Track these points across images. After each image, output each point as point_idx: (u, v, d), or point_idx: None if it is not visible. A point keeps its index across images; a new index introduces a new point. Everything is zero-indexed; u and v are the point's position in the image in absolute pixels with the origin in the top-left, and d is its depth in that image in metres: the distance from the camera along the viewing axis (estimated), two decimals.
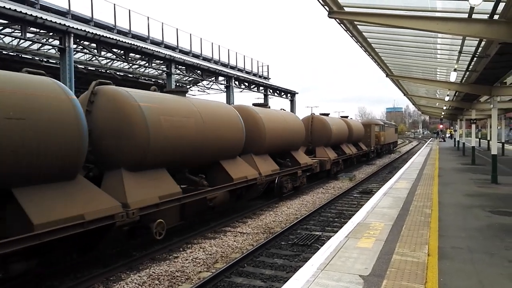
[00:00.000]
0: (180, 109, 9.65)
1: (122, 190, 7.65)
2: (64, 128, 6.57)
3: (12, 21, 14.86)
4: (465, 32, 8.75)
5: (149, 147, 8.28)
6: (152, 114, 8.49)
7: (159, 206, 8.25)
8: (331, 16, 9.50)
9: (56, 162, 6.43)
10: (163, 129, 8.70)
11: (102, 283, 6.97)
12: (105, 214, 6.89)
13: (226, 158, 11.63)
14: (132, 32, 24.08)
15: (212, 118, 10.77)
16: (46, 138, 6.26)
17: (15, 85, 6.11)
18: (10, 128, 5.75)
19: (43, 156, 6.23)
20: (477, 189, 12.53)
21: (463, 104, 24.34)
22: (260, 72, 39.36)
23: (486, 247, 6.35)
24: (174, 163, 9.36)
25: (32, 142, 6.06)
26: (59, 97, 6.67)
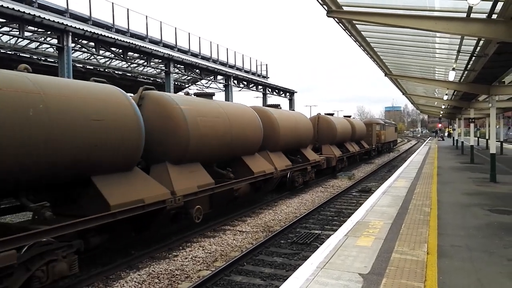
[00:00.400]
0: (211, 111, 11.01)
1: (168, 180, 8.91)
2: (128, 128, 7.83)
3: (10, 19, 14.81)
4: (464, 31, 8.78)
5: (189, 144, 9.59)
6: (190, 115, 9.77)
7: (197, 194, 9.49)
8: (329, 15, 9.51)
9: (123, 155, 7.72)
10: (199, 128, 10.00)
11: (101, 282, 6.97)
12: (159, 199, 8.15)
13: (247, 154, 12.89)
14: (131, 31, 24.05)
15: (236, 118, 12.08)
16: (116, 136, 7.54)
17: (94, 93, 7.44)
18: (93, 128, 7.05)
19: (115, 151, 7.51)
20: (476, 188, 12.58)
21: (462, 103, 24.40)
22: (259, 71, 39.36)
23: (485, 246, 6.38)
24: (206, 157, 10.65)
25: (106, 139, 7.31)
26: (124, 103, 7.94)
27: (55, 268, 6.03)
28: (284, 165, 14.85)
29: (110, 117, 7.47)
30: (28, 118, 5.94)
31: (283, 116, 16.01)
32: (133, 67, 29.15)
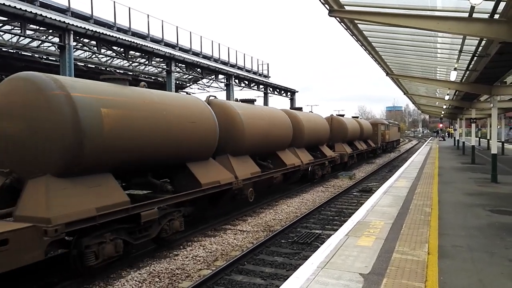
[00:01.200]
0: (257, 114, 13.56)
1: (231, 167, 11.46)
2: (209, 128, 10.40)
3: (12, 18, 14.82)
4: (466, 31, 8.76)
5: (244, 140, 12.22)
6: (245, 118, 12.39)
7: (251, 179, 12.12)
8: (331, 15, 9.50)
9: (205, 148, 10.47)
10: (250, 128, 12.47)
11: (102, 280, 6.98)
12: (228, 181, 10.77)
13: (280, 149, 15.49)
14: (132, 30, 24.06)
15: (273, 120, 14.58)
16: (202, 134, 10.05)
17: (189, 102, 10.12)
18: (190, 128, 9.51)
19: (202, 145, 10.16)
20: (477, 188, 12.55)
21: (463, 103, 24.36)
22: (260, 70, 39.36)
23: (486, 246, 6.36)
24: (254, 151, 13.26)
25: (197, 136, 9.79)
26: (206, 109, 10.61)
27: (174, 225, 8.60)
28: (307, 159, 17.35)
29: (199, 120, 9.98)
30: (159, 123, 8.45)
31: (306, 117, 18.61)
32: (135, 66, 29.15)
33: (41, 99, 6.59)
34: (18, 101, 6.71)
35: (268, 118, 14.08)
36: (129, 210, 7.34)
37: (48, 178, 6.50)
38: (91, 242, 6.62)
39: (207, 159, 10.78)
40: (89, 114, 6.89)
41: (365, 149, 29.42)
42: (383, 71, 19.60)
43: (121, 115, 7.53)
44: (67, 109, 6.61)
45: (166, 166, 9.46)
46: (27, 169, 6.64)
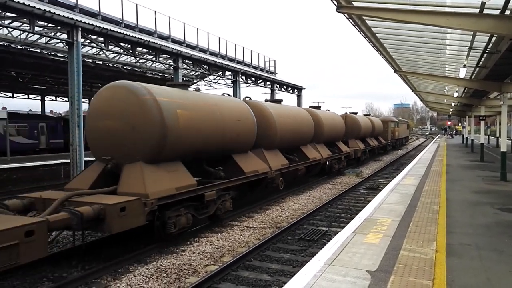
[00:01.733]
0: (286, 113, 15.50)
1: (265, 159, 13.26)
2: (250, 125, 12.33)
3: (20, 14, 14.92)
4: (476, 27, 8.65)
5: (276, 136, 14.14)
6: (277, 117, 14.30)
7: (281, 170, 13.91)
8: (339, 11, 9.45)
9: (246, 142, 12.34)
10: (280, 125, 14.37)
11: (110, 275, 7.04)
12: (264, 171, 12.66)
13: (303, 144, 17.26)
14: (139, 26, 24.07)
15: (299, 118, 16.71)
16: (245, 130, 11.98)
17: (234, 103, 12.24)
18: (237, 125, 11.46)
19: (244, 139, 12.13)
20: (485, 186, 12.45)
21: (472, 100, 24.14)
22: (267, 67, 39.20)
23: (494, 245, 6.31)
24: (283, 146, 15.12)
25: (241, 131, 11.74)
26: (247, 109, 12.55)
27: (225, 205, 10.38)
28: (326, 154, 19.00)
29: (243, 119, 11.94)
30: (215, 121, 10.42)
31: (326, 116, 20.41)
32: (142, 63, 29.24)
33: (136, 102, 8.46)
34: (118, 104, 8.57)
35: (294, 117, 16.04)
36: (197, 191, 9.30)
37: (141, 164, 8.36)
38: (171, 214, 8.43)
39: (247, 152, 12.68)
40: (170, 113, 8.78)
41: (376, 145, 31.24)
42: (391, 68, 19.46)
43: (189, 115, 9.52)
44: (155, 110, 8.49)
45: (217, 157, 11.44)
46: (125, 156, 8.45)
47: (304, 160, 16.40)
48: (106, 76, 28.55)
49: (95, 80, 29.08)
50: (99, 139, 8.83)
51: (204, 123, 9.96)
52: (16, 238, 5.41)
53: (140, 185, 7.94)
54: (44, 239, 5.95)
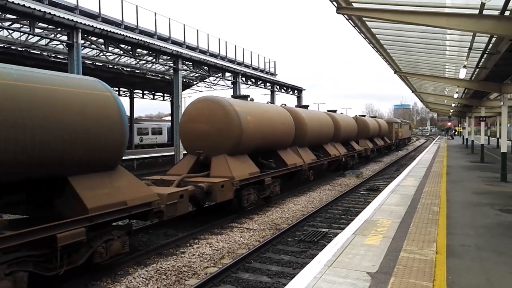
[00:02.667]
0: (313, 117, 18.62)
1: (299, 155, 16.16)
2: (290, 127, 15.46)
3: (21, 16, 14.93)
4: (476, 28, 8.64)
5: (306, 136, 17.06)
6: (308, 119, 17.32)
7: (311, 164, 16.67)
8: (339, 12, 9.44)
9: (286, 141, 15.34)
10: (310, 127, 17.38)
11: (109, 277, 7.02)
12: (300, 164, 15.54)
13: (325, 143, 20.15)
14: (140, 27, 24.10)
15: (322, 121, 19.61)
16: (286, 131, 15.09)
17: (279, 109, 15.59)
18: (281, 128, 14.51)
19: (286, 138, 15.24)
20: (486, 187, 12.42)
21: (472, 101, 24.12)
22: (267, 68, 39.22)
23: (495, 246, 6.30)
24: (311, 144, 18.03)
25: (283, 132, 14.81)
26: (288, 114, 15.69)
27: (276, 189, 13.26)
28: (343, 151, 21.96)
29: (285, 122, 15.08)
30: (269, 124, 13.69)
31: (342, 118, 23.50)
32: (142, 64, 29.25)
33: (222, 111, 11.74)
34: (208, 112, 11.86)
35: (318, 119, 19.24)
36: (260, 176, 12.28)
37: (225, 156, 11.53)
38: (245, 193, 11.40)
39: (286, 149, 15.59)
40: (244, 119, 12.01)
41: (383, 144, 34.34)
42: (391, 69, 19.45)
43: (254, 120, 12.67)
44: (235, 117, 11.73)
45: (267, 151, 14.34)
46: (212, 150, 11.66)
47: (327, 157, 19.43)
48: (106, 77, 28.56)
49: None
50: (193, 138, 12.00)
51: (262, 126, 13.22)
52: (176, 198, 8.41)
53: (228, 170, 11.04)
54: (186, 201, 9.01)
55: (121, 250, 7.15)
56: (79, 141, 6.59)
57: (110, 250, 6.89)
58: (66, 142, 6.34)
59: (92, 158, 6.89)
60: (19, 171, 5.88)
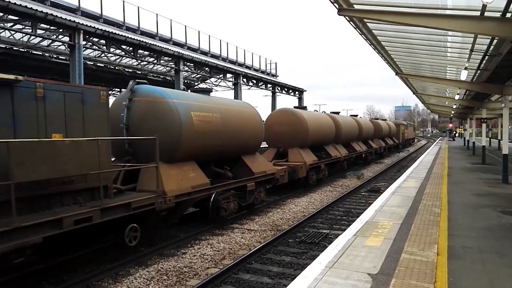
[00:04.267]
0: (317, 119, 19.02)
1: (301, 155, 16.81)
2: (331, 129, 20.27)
3: (23, 17, 14.99)
4: (477, 30, 8.64)
5: (307, 138, 17.38)
6: (310, 121, 17.62)
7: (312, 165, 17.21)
8: (340, 14, 9.44)
9: (330, 138, 20.53)
10: (313, 129, 17.71)
11: (111, 278, 7.03)
12: (339, 156, 20.48)
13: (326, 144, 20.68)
14: (141, 29, 24.18)
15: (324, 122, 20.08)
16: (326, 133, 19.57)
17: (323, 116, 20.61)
18: (324, 131, 19.22)
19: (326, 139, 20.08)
20: (487, 189, 12.41)
21: (474, 103, 24.09)
22: (268, 69, 39.30)
23: (496, 247, 6.29)
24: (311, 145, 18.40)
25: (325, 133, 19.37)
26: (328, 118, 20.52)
27: (261, 195, 12.56)
28: (365, 148, 27.11)
29: (331, 125, 20.03)
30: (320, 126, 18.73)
31: (363, 121, 28.94)
32: (143, 65, 29.30)
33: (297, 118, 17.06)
34: (286, 118, 17.05)
35: (350, 123, 23.84)
36: (318, 163, 17.56)
37: (297, 149, 16.69)
38: (312, 173, 16.87)
39: (329, 145, 20.26)
40: (309, 124, 17.48)
41: (393, 144, 39.53)
42: (392, 71, 19.45)
43: (313, 123, 18.21)
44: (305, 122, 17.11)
45: (318, 146, 19.16)
46: (288, 145, 16.72)
47: (354, 152, 24.38)
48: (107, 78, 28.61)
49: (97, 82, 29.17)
50: (275, 136, 16.96)
51: (318, 128, 18.25)
52: (283, 172, 13.82)
53: (301, 158, 16.30)
54: (286, 174, 14.17)
55: (265, 198, 12.93)
56: (250, 138, 12.39)
57: (260, 196, 12.43)
58: (245, 138, 12.06)
59: (252, 146, 12.73)
60: (231, 153, 11.70)
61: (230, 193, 10.75)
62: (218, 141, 10.60)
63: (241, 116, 12.10)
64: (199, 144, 9.83)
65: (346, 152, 22.16)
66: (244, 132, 11.90)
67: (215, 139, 10.46)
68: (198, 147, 9.89)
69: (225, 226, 10.65)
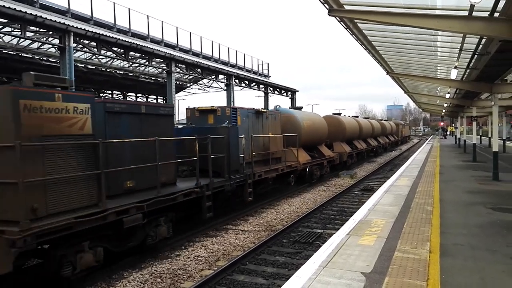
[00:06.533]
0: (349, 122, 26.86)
1: (343, 148, 24.18)
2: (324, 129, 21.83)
3: (11, 20, 14.83)
4: (466, 29, 8.73)
5: (345, 134, 25.27)
6: (347, 123, 25.40)
7: (349, 153, 24.94)
8: (331, 14, 9.48)
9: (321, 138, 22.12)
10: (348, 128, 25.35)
11: (104, 281, 6.99)
12: (331, 156, 21.19)
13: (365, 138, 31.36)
14: (132, 30, 24.06)
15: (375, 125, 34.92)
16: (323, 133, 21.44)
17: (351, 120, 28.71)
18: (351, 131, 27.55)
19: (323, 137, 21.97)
20: (478, 186, 12.54)
21: (464, 101, 24.34)
22: (260, 70, 39.32)
23: (488, 244, 6.36)
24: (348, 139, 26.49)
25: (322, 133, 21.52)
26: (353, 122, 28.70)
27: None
28: (376, 143, 35.18)
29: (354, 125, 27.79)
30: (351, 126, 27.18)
31: (373, 122, 36.56)
32: (135, 67, 29.16)
33: (338, 121, 25.06)
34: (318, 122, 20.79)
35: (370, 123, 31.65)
36: (352, 152, 25.55)
37: (340, 142, 24.49)
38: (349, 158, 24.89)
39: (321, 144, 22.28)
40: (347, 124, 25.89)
41: (393, 140, 47.30)
42: (383, 70, 19.58)
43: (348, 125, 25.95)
44: (344, 123, 25.15)
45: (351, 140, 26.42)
46: (334, 139, 23.75)
47: (370, 146, 32.16)
48: (98, 81, 28.43)
49: (88, 85, 28.99)
50: (309, 135, 18.78)
51: (351, 128, 25.24)
52: (336, 157, 21.90)
53: (343, 148, 23.98)
54: (338, 158, 22.21)
55: (328, 171, 20.50)
56: (322, 135, 20.73)
57: (327, 170, 20.18)
58: (319, 135, 20.38)
59: (322, 140, 20.99)
60: (314, 144, 19.84)
61: (316, 166, 18.52)
62: (310, 137, 18.86)
63: (317, 121, 20.55)
64: (306, 138, 18.09)
65: (365, 146, 30.53)
66: (318, 131, 20.26)
67: (310, 135, 18.69)
68: (305, 140, 18.08)
69: (219, 227, 10.64)
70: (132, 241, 7.65)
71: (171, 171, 9.04)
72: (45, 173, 5.89)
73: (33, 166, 5.72)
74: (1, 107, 5.71)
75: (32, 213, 5.63)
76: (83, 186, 6.49)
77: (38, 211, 5.71)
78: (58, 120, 6.22)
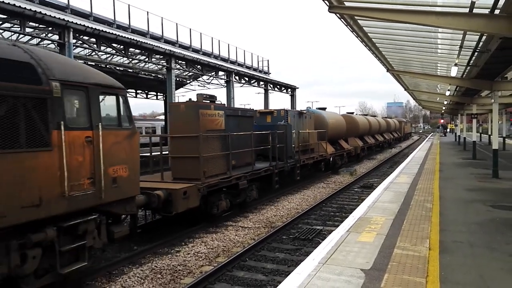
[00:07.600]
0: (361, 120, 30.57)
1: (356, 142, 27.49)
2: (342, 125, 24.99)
3: (11, 15, 14.78)
4: (466, 26, 8.72)
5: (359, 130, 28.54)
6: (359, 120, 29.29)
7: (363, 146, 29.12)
8: (331, 11, 9.47)
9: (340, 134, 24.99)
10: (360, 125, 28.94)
11: (105, 277, 7.01)
12: (349, 149, 24.46)
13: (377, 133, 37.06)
14: (132, 27, 23.96)
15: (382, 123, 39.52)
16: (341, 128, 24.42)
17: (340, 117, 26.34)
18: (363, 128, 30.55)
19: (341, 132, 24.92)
20: (478, 184, 12.56)
21: (464, 99, 24.33)
22: (260, 67, 39.22)
23: (487, 242, 6.38)
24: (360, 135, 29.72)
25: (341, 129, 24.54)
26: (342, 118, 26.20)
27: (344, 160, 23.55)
28: (388, 137, 42.04)
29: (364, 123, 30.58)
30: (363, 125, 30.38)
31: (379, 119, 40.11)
32: (135, 63, 29.10)
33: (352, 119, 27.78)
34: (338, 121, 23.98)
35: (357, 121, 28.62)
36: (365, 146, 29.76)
37: (354, 137, 27.62)
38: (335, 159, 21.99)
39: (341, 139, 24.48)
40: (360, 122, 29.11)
41: (397, 136, 51.32)
42: (383, 67, 19.56)
43: (361, 122, 29.17)
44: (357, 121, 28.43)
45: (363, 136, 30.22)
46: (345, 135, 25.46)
47: (378, 141, 35.89)
48: None
49: None
50: (333, 131, 21.68)
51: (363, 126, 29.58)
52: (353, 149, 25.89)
53: (356, 143, 27.16)
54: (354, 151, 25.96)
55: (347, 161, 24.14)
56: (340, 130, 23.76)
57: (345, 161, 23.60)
58: (339, 130, 23.36)
59: (341, 135, 24.16)
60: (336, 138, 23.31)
61: (338, 157, 21.62)
62: (334, 132, 21.93)
63: (338, 120, 23.73)
64: (330, 133, 20.96)
65: (374, 141, 33.58)
66: (339, 128, 23.20)
67: (333, 131, 21.72)
68: (330, 135, 20.81)
69: (219, 224, 10.67)
70: (240, 198, 11.65)
71: (252, 155, 12.67)
72: (208, 152, 10.05)
73: (204, 148, 9.85)
74: (191, 114, 9.98)
75: (204, 174, 9.83)
76: (222, 161, 10.76)
77: (206, 173, 9.91)
78: (212, 121, 10.45)
